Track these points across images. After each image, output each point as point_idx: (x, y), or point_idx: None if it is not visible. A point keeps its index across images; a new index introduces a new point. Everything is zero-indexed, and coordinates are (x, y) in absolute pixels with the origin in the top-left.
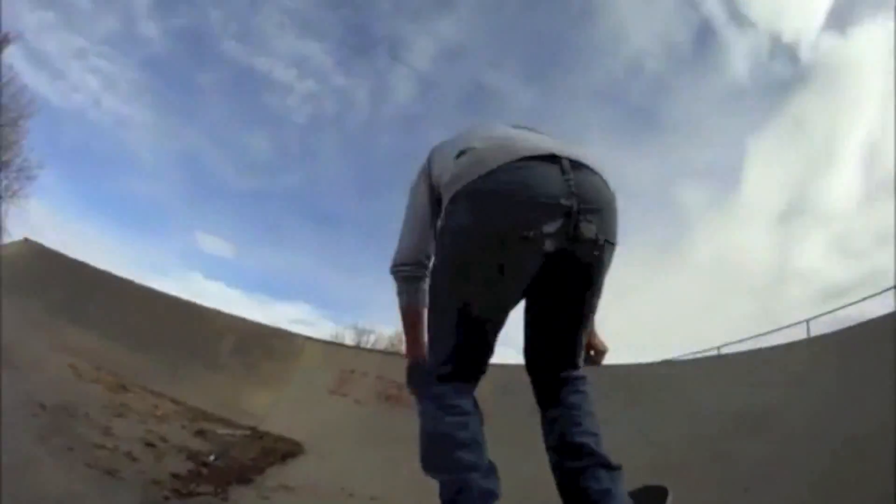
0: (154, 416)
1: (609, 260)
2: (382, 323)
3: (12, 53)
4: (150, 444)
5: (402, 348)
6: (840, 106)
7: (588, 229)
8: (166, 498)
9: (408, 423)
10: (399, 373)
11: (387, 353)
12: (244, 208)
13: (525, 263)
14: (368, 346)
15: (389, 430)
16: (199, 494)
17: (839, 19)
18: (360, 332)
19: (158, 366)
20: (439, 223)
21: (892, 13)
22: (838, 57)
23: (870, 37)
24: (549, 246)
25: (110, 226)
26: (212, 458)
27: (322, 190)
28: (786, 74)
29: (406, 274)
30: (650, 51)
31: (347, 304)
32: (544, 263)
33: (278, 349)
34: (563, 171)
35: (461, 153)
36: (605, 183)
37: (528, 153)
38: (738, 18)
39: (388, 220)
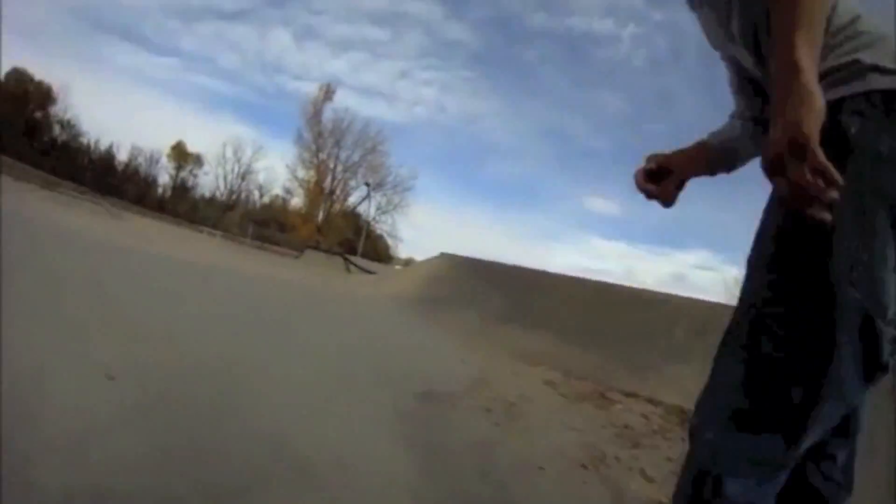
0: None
1: None
2: None
3: (342, 97)
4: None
5: None
6: None
7: None
8: None
9: None
10: None
11: None
12: (616, 165)
13: None
14: None
15: None
16: None
17: None
18: None
19: (617, 363)
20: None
21: None
22: None
23: None
24: None
25: (492, 211)
26: None
27: (686, 130)
28: None
29: None
30: None
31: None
32: None
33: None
34: None
35: None
36: None
37: None
38: None
39: None
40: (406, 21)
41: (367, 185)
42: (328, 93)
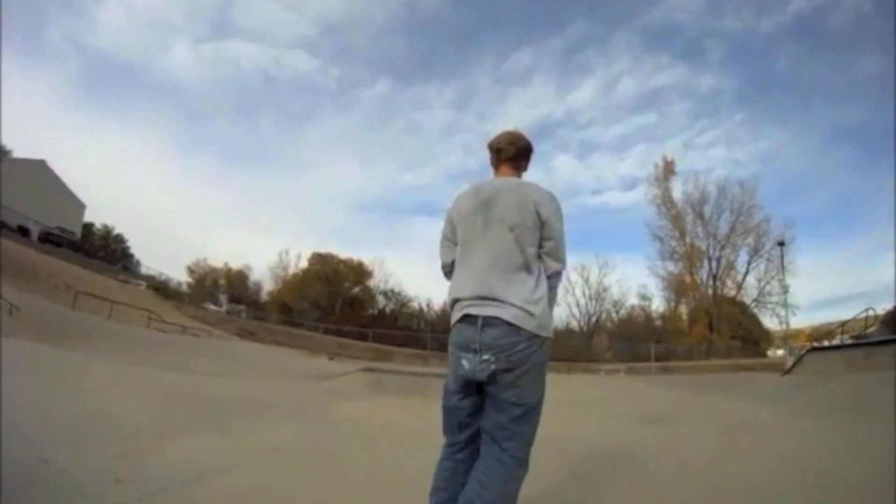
0: None
1: (512, 373)
2: None
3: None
4: None
5: None
6: None
7: (485, 355)
8: None
9: None
10: None
11: None
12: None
13: (462, 373)
14: None
15: None
16: None
17: None
18: None
19: None
20: None
21: None
22: None
23: None
24: (466, 366)
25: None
26: None
27: None
28: None
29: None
30: None
31: None
32: (468, 376)
33: None
34: (478, 329)
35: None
36: (504, 329)
37: (465, 312)
38: None
39: None
40: (661, 95)
41: (781, 244)
42: (668, 165)
